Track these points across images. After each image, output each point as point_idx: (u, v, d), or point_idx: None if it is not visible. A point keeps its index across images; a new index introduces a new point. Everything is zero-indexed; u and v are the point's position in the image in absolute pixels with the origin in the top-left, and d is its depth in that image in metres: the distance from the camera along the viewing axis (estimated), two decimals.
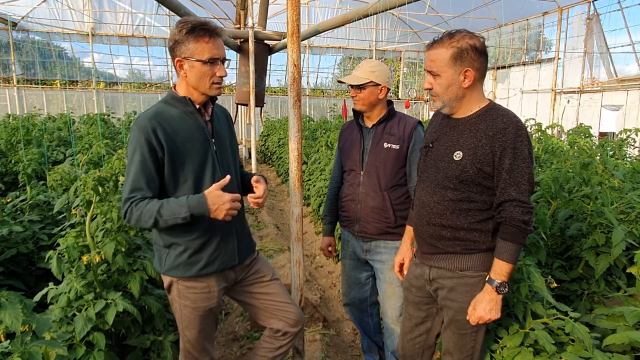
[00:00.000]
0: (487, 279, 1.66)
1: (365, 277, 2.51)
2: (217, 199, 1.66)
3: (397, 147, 2.26)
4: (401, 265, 2.08)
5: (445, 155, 1.75)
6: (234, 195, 1.69)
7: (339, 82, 2.40)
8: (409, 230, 2.07)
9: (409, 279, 1.99)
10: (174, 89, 1.82)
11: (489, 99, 1.75)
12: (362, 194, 2.33)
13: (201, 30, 1.70)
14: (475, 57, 1.64)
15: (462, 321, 1.75)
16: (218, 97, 1.88)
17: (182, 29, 1.70)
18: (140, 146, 1.67)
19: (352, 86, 2.31)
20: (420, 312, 1.97)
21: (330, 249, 2.63)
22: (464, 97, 1.70)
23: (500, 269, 1.62)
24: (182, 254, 1.77)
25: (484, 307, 1.64)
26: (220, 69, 1.76)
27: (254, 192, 1.90)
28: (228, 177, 1.73)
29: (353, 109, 2.43)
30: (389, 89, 2.32)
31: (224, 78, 1.80)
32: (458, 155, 1.69)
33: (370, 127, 2.37)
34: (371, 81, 2.26)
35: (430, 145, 1.84)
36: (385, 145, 2.29)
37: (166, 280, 1.84)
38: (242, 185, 2.01)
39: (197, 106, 1.80)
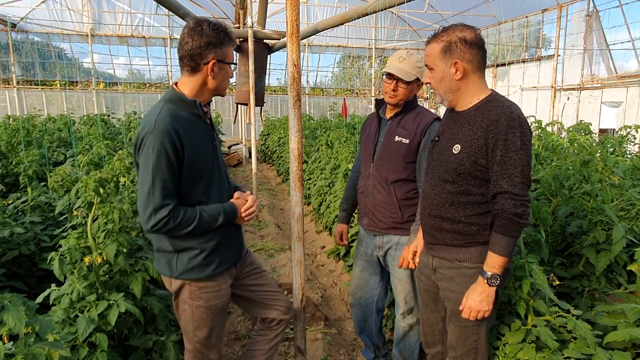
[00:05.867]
0: (479, 271, 1.68)
1: (374, 281, 2.46)
2: (242, 206, 1.85)
3: (407, 141, 2.21)
4: (414, 253, 2.10)
5: (447, 148, 1.76)
6: (251, 200, 1.87)
7: (384, 73, 2.24)
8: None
9: (419, 267, 2.04)
10: (178, 87, 1.75)
11: (491, 89, 1.74)
12: (370, 187, 2.31)
13: (231, 34, 1.75)
14: (465, 49, 1.65)
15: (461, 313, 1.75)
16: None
17: (219, 31, 1.69)
18: (166, 150, 1.59)
19: (392, 77, 2.21)
20: (431, 299, 1.99)
21: (342, 236, 2.63)
22: (459, 89, 1.72)
23: (492, 262, 1.62)
24: (197, 256, 1.75)
25: (475, 298, 1.64)
26: (232, 71, 1.82)
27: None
28: (248, 192, 1.93)
29: (377, 99, 2.39)
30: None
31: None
32: (457, 149, 1.71)
33: (388, 118, 2.32)
34: (417, 78, 2.20)
35: (437, 139, 1.86)
36: (397, 138, 2.24)
37: (176, 283, 1.79)
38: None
39: (204, 110, 1.80)
